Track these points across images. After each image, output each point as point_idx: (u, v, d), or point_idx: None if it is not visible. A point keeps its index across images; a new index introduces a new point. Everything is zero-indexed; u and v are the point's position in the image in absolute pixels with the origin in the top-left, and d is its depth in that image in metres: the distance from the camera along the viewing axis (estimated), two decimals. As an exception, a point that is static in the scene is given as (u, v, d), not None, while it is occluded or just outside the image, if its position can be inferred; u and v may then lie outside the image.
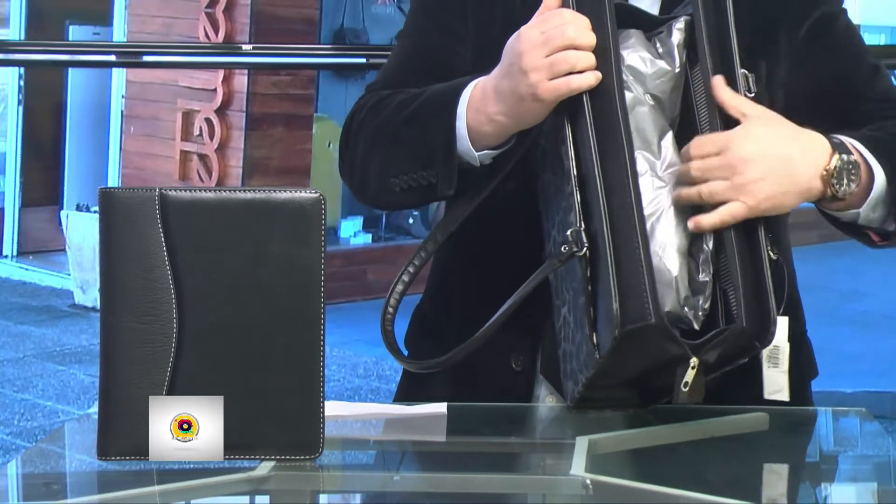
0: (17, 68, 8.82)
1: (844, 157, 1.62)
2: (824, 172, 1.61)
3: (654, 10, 1.75)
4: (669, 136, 1.64)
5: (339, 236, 8.92)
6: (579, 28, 1.59)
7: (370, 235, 9.07)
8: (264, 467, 1.44)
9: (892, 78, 1.88)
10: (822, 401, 1.77)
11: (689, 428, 1.59)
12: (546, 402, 1.75)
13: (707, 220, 1.59)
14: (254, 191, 1.44)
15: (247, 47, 5.01)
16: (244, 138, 8.25)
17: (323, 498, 1.48)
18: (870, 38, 12.60)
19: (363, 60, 4.62)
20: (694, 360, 1.54)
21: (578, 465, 1.45)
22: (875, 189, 1.66)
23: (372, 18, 9.41)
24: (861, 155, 1.65)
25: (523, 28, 1.63)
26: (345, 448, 1.53)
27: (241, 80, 8.17)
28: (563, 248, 1.57)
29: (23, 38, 8.99)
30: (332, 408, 1.52)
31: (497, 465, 1.58)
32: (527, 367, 1.75)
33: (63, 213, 8.48)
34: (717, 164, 1.58)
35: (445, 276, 1.87)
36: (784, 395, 1.63)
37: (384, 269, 8.46)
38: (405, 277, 1.71)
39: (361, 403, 1.65)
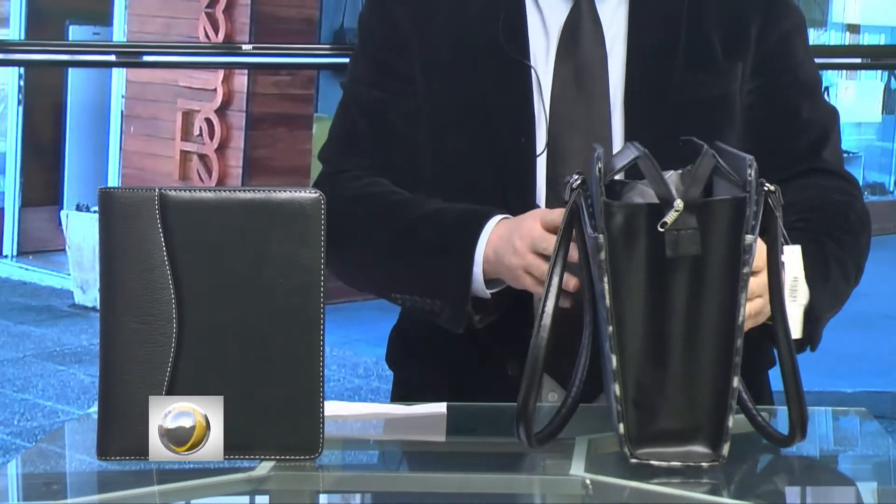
0: (17, 68, 8.83)
1: None
2: None
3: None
4: None
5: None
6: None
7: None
8: (264, 467, 1.44)
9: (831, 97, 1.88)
10: (822, 401, 1.77)
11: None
12: (549, 398, 1.75)
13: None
14: (254, 191, 1.44)
15: (247, 47, 4.99)
16: (244, 138, 8.26)
17: (323, 498, 1.48)
18: (870, 38, 12.59)
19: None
20: None
21: (578, 465, 1.45)
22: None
23: (372, 18, 9.40)
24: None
25: (541, 212, 1.64)
26: (345, 448, 1.53)
27: (241, 80, 8.17)
28: None
29: (23, 38, 9.01)
30: (332, 408, 1.52)
31: (497, 465, 1.58)
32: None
33: (63, 213, 8.48)
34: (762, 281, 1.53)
35: None
36: (796, 333, 1.61)
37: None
38: None
39: (361, 403, 1.65)
